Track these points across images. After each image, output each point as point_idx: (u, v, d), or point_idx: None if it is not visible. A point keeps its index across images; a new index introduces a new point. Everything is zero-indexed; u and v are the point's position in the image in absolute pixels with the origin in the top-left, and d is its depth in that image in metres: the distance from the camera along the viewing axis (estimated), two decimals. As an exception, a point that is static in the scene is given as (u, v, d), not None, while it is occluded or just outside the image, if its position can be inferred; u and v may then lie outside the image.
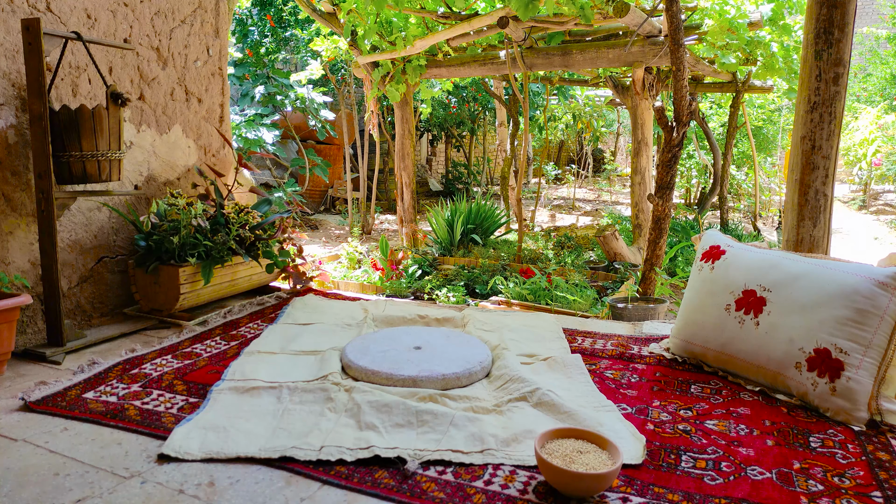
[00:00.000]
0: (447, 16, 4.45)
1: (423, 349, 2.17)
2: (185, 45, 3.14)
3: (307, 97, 7.28)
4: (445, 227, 5.63)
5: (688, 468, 1.52)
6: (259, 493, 1.43)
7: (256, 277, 3.14)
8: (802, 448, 1.63)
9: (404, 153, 5.63)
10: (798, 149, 2.55)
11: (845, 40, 2.44)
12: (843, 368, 1.77)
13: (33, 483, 1.47)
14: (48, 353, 2.28)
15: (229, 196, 3.28)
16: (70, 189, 2.53)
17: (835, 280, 1.89)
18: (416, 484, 1.45)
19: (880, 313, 1.79)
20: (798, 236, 2.56)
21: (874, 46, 11.81)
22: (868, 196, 10.06)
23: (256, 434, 1.67)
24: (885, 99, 10.78)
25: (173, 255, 2.69)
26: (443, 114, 10.27)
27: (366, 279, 4.64)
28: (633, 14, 3.84)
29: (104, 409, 1.83)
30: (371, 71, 5.26)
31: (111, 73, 2.76)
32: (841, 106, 2.49)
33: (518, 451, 1.57)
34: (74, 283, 2.66)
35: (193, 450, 1.58)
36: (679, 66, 3.28)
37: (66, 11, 2.56)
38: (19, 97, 2.39)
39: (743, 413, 1.83)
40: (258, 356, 2.23)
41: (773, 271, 2.02)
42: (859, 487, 1.44)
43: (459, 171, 11.31)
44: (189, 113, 3.20)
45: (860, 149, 9.24)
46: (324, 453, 1.56)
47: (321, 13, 4.96)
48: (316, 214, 8.72)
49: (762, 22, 4.41)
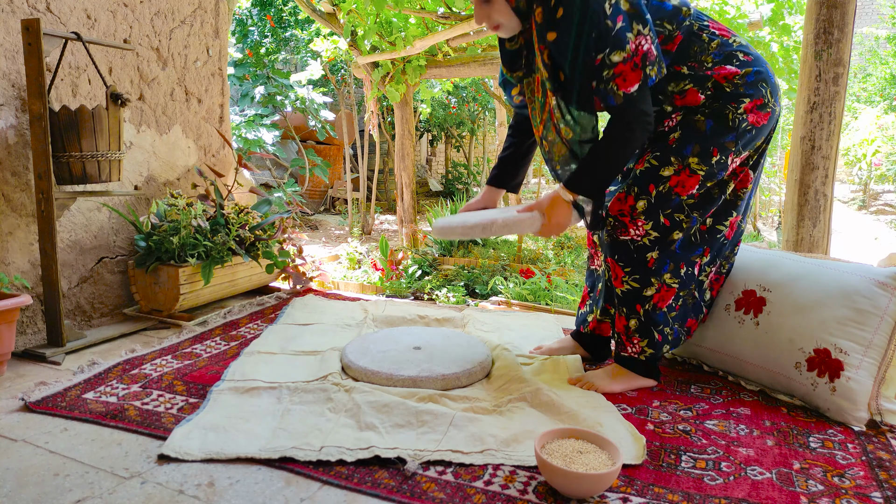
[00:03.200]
0: (447, 16, 4.46)
1: (422, 349, 2.17)
2: (185, 45, 3.15)
3: (307, 97, 7.28)
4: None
5: (688, 468, 1.52)
6: (259, 493, 1.43)
7: (256, 278, 3.14)
8: (802, 448, 1.63)
9: (404, 153, 5.63)
10: (798, 149, 2.55)
11: (845, 41, 2.44)
12: (843, 368, 1.77)
13: (33, 483, 1.47)
14: (48, 354, 2.28)
15: (229, 196, 3.28)
16: (70, 189, 2.53)
17: (835, 280, 1.89)
18: (417, 484, 1.45)
19: (880, 313, 1.79)
20: (798, 236, 2.56)
21: (874, 47, 11.81)
22: (868, 196, 10.06)
23: (256, 434, 1.67)
24: (885, 99, 10.78)
25: (173, 255, 2.69)
26: (443, 114, 10.27)
27: (366, 279, 4.64)
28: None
29: (104, 409, 1.83)
30: (371, 71, 5.26)
31: (111, 73, 2.76)
32: (841, 106, 2.49)
33: (518, 452, 1.57)
34: (74, 283, 2.66)
35: (193, 450, 1.58)
36: (679, 67, 3.28)
37: (66, 12, 2.56)
38: (19, 98, 2.39)
39: (743, 413, 1.83)
40: (258, 356, 2.23)
41: (773, 271, 2.02)
42: (859, 487, 1.44)
43: (459, 171, 11.31)
44: (189, 113, 3.21)
45: (860, 149, 9.24)
46: (324, 453, 1.56)
47: (321, 13, 4.97)
48: (316, 215, 8.72)
49: (762, 22, 4.42)
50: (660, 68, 1.72)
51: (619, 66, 1.66)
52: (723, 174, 1.86)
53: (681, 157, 1.82)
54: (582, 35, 1.67)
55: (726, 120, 1.80)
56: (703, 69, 1.82)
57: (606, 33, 1.65)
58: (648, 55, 1.68)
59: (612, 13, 1.65)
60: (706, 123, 1.81)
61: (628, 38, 1.66)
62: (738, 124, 1.80)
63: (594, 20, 1.65)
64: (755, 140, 1.86)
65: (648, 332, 1.94)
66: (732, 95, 1.80)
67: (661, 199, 1.85)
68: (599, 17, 1.65)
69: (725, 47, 1.83)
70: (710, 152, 1.81)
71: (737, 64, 1.81)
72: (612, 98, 1.69)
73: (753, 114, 1.81)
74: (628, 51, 1.65)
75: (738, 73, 1.80)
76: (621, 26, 1.65)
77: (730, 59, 1.82)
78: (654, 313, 1.92)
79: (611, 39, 1.65)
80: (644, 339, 1.94)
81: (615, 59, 1.66)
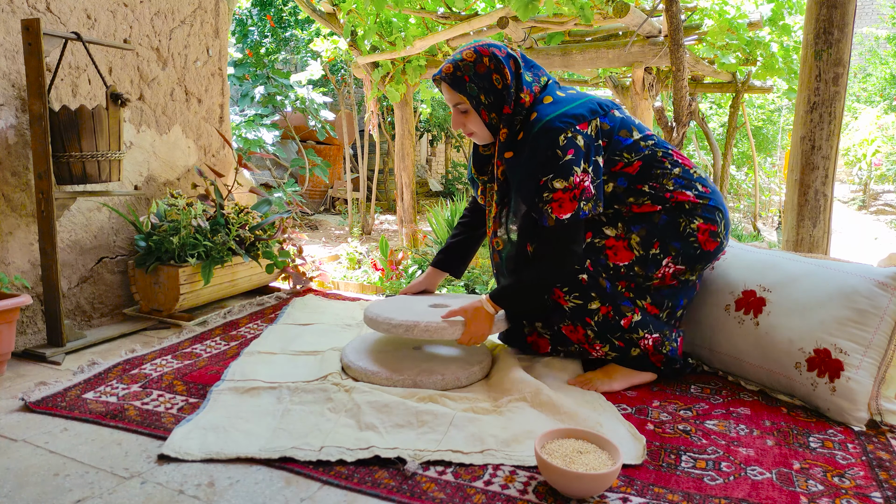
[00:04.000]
0: (447, 16, 4.46)
1: (422, 349, 2.17)
2: (185, 45, 3.15)
3: (307, 97, 7.28)
4: (445, 227, 5.63)
5: (688, 468, 1.52)
6: (259, 493, 1.43)
7: (256, 278, 3.14)
8: (802, 448, 1.63)
9: (404, 153, 5.63)
10: (797, 149, 2.55)
11: (845, 40, 2.44)
12: (843, 368, 1.77)
13: (33, 483, 1.47)
14: (48, 354, 2.28)
15: (229, 196, 3.28)
16: (70, 189, 2.53)
17: (835, 280, 1.89)
18: (417, 484, 1.45)
19: (880, 313, 1.79)
20: (798, 236, 2.56)
21: (874, 47, 11.81)
22: (868, 196, 10.06)
23: (256, 434, 1.67)
24: (885, 99, 10.78)
25: (173, 255, 2.69)
26: (443, 114, 10.27)
27: (365, 279, 4.64)
28: (632, 14, 3.84)
29: (104, 409, 1.83)
30: (371, 71, 5.26)
31: (111, 73, 2.76)
32: (840, 106, 2.49)
33: (518, 452, 1.57)
34: (74, 283, 2.66)
35: (193, 450, 1.58)
36: (679, 67, 3.28)
37: (66, 12, 2.56)
38: (19, 97, 2.39)
39: (743, 413, 1.83)
40: (258, 356, 2.23)
41: (773, 271, 2.02)
42: (859, 487, 1.44)
43: (459, 171, 11.31)
44: (189, 113, 3.21)
45: (860, 149, 9.25)
46: (324, 454, 1.56)
47: (321, 13, 4.97)
48: (316, 215, 8.72)
49: (762, 22, 4.42)
50: (595, 206, 1.87)
51: (559, 193, 1.82)
52: (653, 271, 1.93)
53: (626, 228, 1.93)
54: (533, 158, 1.85)
55: (678, 226, 1.92)
56: (664, 191, 1.93)
57: (555, 161, 1.81)
58: (586, 192, 1.84)
59: (565, 145, 1.82)
60: (661, 217, 1.93)
61: (574, 171, 1.81)
62: (686, 235, 1.91)
63: (547, 148, 1.82)
64: (696, 260, 1.94)
65: (605, 339, 1.97)
66: (689, 212, 1.93)
67: (593, 253, 1.94)
68: (553, 146, 1.82)
69: (687, 175, 1.96)
70: (652, 243, 1.91)
71: (695, 193, 1.94)
72: (545, 219, 1.85)
73: (703, 235, 1.92)
74: (570, 182, 1.81)
75: (696, 201, 1.93)
76: (570, 159, 1.81)
77: (690, 187, 1.94)
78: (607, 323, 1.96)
79: (557, 167, 1.81)
80: (605, 345, 1.98)
81: (556, 185, 1.82)
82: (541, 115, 1.88)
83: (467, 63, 1.92)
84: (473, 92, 1.93)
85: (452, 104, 1.99)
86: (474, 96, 1.93)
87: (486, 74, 1.92)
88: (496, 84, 1.92)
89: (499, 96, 1.93)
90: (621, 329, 1.94)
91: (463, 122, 2.00)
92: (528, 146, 1.88)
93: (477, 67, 1.92)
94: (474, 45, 1.95)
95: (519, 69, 1.95)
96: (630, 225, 1.93)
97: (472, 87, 1.92)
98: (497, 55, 1.93)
